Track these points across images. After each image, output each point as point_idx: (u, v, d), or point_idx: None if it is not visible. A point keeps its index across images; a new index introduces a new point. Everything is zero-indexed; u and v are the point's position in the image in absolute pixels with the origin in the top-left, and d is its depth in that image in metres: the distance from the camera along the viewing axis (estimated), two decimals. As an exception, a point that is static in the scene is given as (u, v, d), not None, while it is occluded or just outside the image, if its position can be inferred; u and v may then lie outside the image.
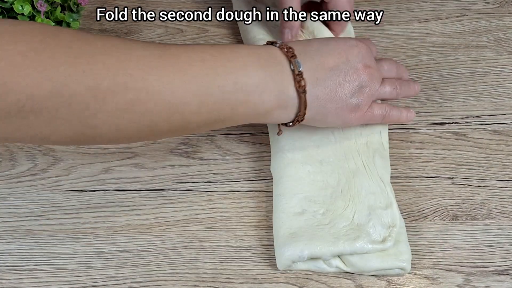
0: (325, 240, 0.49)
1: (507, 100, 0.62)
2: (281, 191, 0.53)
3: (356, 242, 0.49)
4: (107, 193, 0.56)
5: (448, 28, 0.68)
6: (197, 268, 0.52)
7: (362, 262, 0.49)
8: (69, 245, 0.53)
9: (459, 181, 0.56)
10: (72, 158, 0.58)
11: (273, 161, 0.55)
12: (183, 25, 0.69)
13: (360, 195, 0.52)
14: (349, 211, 0.51)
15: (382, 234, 0.50)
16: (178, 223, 0.54)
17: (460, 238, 0.53)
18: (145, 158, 0.58)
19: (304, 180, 0.53)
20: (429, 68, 0.64)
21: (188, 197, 0.56)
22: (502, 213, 0.54)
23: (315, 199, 0.52)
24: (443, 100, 0.62)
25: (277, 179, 0.54)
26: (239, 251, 0.53)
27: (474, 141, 0.59)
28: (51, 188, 0.56)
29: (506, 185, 0.56)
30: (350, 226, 0.50)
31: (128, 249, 0.53)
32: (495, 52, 0.65)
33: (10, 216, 0.55)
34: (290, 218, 0.51)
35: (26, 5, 0.55)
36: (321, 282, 0.51)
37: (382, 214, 0.51)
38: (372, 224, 0.50)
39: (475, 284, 0.51)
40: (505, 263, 0.52)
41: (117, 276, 0.51)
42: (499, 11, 0.69)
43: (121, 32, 0.68)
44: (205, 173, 0.57)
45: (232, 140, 0.59)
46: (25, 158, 0.58)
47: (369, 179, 0.53)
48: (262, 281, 0.51)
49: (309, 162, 0.54)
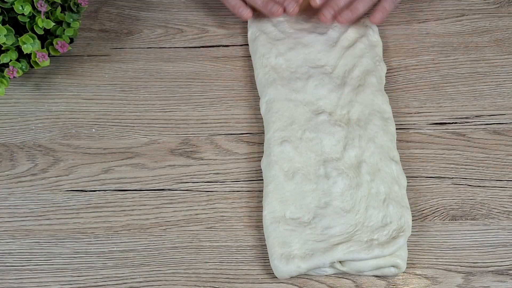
0: (321, 251, 0.49)
1: (507, 100, 0.62)
2: (265, 194, 0.53)
3: (352, 249, 0.49)
4: (107, 193, 0.56)
5: (448, 28, 0.68)
6: (197, 268, 0.52)
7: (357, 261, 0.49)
8: (69, 245, 0.53)
9: (458, 181, 0.56)
10: (72, 158, 0.58)
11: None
12: (183, 25, 0.69)
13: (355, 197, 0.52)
14: (344, 215, 0.51)
15: (380, 238, 0.50)
16: (178, 223, 0.54)
17: (459, 238, 0.53)
18: (145, 158, 0.58)
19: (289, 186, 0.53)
20: (429, 68, 0.64)
21: (188, 197, 0.56)
22: (501, 213, 0.55)
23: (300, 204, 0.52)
24: (443, 100, 0.62)
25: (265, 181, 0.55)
26: (239, 251, 0.53)
27: (473, 141, 0.59)
28: (51, 188, 0.56)
29: (506, 185, 0.56)
30: (346, 231, 0.50)
31: (128, 249, 0.53)
32: (495, 52, 0.65)
33: (11, 216, 0.55)
34: (274, 225, 0.51)
35: (26, 5, 0.55)
36: (321, 282, 0.51)
37: (378, 216, 0.51)
38: (367, 228, 0.50)
39: (474, 284, 0.51)
40: (504, 263, 0.52)
41: (117, 276, 0.51)
42: (499, 11, 0.69)
43: (121, 33, 0.68)
44: (205, 173, 0.57)
45: (232, 140, 0.59)
46: (25, 158, 0.58)
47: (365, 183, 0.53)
48: (262, 281, 0.51)
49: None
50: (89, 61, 0.65)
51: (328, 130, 0.56)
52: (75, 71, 0.65)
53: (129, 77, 0.64)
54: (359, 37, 0.63)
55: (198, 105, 0.62)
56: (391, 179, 0.53)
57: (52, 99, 0.62)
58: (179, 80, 0.64)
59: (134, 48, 0.67)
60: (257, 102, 0.62)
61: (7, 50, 0.56)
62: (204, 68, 0.65)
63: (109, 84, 0.64)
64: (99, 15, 0.69)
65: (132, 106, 0.62)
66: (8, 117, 0.61)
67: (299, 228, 0.51)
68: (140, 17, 0.69)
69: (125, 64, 0.65)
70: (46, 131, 0.60)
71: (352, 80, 0.59)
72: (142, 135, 0.60)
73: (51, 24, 0.56)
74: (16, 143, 0.59)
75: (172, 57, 0.66)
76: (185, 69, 0.65)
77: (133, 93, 0.63)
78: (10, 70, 0.56)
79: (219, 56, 0.66)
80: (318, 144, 0.55)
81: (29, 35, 0.56)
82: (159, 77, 0.64)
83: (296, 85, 0.59)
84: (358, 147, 0.55)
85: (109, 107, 0.62)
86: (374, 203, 0.51)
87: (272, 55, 0.62)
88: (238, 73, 0.64)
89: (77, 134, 0.60)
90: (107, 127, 0.60)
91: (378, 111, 0.57)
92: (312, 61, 0.61)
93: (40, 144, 0.59)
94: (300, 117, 0.57)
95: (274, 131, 0.56)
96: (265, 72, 0.61)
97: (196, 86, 0.64)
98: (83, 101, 0.62)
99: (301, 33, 0.64)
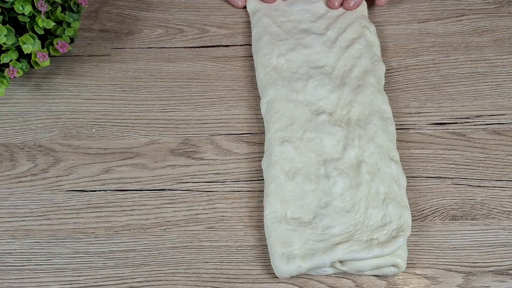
0: (321, 250, 0.49)
1: (507, 100, 0.62)
2: (266, 194, 0.53)
3: (352, 248, 0.49)
4: (107, 193, 0.56)
5: (448, 28, 0.68)
6: (198, 268, 0.52)
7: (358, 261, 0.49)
8: (69, 245, 0.53)
9: (459, 181, 0.56)
10: (73, 158, 0.58)
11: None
12: (183, 25, 0.69)
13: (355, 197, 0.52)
14: (344, 215, 0.51)
15: (380, 238, 0.50)
16: (179, 223, 0.54)
17: (460, 238, 0.53)
18: (145, 158, 0.58)
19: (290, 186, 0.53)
20: (429, 68, 0.64)
21: (189, 197, 0.56)
22: (501, 213, 0.55)
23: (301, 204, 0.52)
24: (443, 100, 0.62)
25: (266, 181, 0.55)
26: (239, 251, 0.53)
27: (474, 141, 0.59)
28: (51, 188, 0.56)
29: (506, 185, 0.56)
30: (346, 230, 0.50)
31: (128, 249, 0.53)
32: (495, 52, 0.65)
33: (11, 216, 0.55)
34: (275, 225, 0.51)
35: (26, 5, 0.55)
36: (321, 282, 0.51)
37: (378, 216, 0.51)
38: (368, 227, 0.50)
39: (475, 284, 0.51)
40: (505, 263, 0.52)
41: (117, 276, 0.51)
42: (499, 11, 0.69)
43: (122, 33, 0.68)
44: (206, 173, 0.57)
45: (232, 140, 0.60)
46: (25, 158, 0.58)
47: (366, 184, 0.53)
48: (262, 281, 0.51)
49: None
50: (89, 61, 0.66)
51: (328, 130, 0.56)
52: (75, 71, 0.65)
53: (129, 77, 0.64)
54: (356, 38, 0.63)
55: (199, 105, 0.62)
56: (391, 179, 0.53)
57: (52, 99, 0.63)
58: (179, 80, 0.64)
59: (134, 48, 0.67)
60: (257, 102, 0.62)
61: (7, 50, 0.56)
62: (204, 68, 0.65)
63: (109, 84, 0.64)
64: (99, 15, 0.69)
65: (133, 106, 0.62)
66: (8, 117, 0.61)
67: (300, 228, 0.51)
68: (140, 17, 0.69)
69: (125, 64, 0.65)
70: (46, 131, 0.60)
71: (351, 81, 0.60)
72: (143, 135, 0.60)
73: (51, 24, 0.56)
74: (17, 143, 0.59)
75: (172, 57, 0.66)
76: (185, 69, 0.65)
77: (133, 93, 0.63)
78: (11, 70, 0.56)
79: (219, 56, 0.66)
80: (318, 144, 0.55)
81: (29, 35, 0.56)
82: (159, 77, 0.64)
83: (297, 86, 0.59)
84: (358, 147, 0.55)
85: (110, 107, 0.62)
86: (373, 203, 0.51)
87: (273, 55, 0.62)
88: (238, 73, 0.64)
89: (78, 134, 0.60)
90: (108, 127, 0.60)
91: (377, 111, 0.57)
92: (312, 62, 0.62)
93: (40, 144, 0.59)
94: (300, 117, 0.57)
95: (275, 131, 0.56)
96: (266, 72, 0.61)
97: (197, 86, 0.64)
98: (83, 101, 0.62)
99: (303, 33, 0.64)
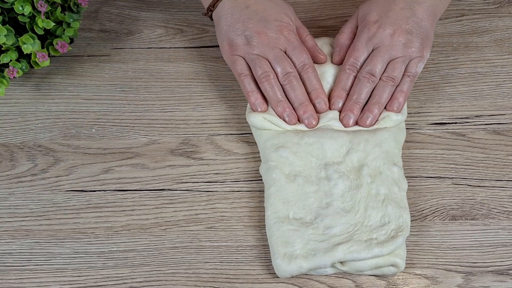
0: (322, 251, 0.49)
1: (507, 100, 0.62)
2: (267, 196, 0.53)
3: (352, 248, 0.49)
4: (107, 193, 0.56)
5: (448, 28, 0.68)
6: (197, 268, 0.52)
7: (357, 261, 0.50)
8: (69, 245, 0.53)
9: (458, 181, 0.56)
10: (73, 158, 0.58)
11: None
12: (183, 25, 0.69)
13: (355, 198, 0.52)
14: (344, 215, 0.51)
15: (379, 237, 0.50)
16: (178, 223, 0.54)
17: (459, 238, 0.53)
18: (145, 158, 0.58)
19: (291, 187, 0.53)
20: (429, 68, 0.64)
21: (188, 197, 0.56)
22: (501, 213, 0.55)
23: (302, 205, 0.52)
24: (442, 100, 0.62)
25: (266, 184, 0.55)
26: (239, 251, 0.53)
27: (473, 141, 0.59)
28: (51, 188, 0.56)
29: (506, 185, 0.56)
30: (346, 230, 0.50)
31: (128, 249, 0.53)
32: (495, 52, 0.65)
33: (11, 216, 0.55)
34: (277, 225, 0.51)
35: (26, 5, 0.55)
36: (321, 282, 0.51)
37: (377, 216, 0.51)
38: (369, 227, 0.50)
39: (474, 284, 0.51)
40: (504, 263, 0.52)
41: (117, 276, 0.51)
42: (499, 11, 0.69)
43: (121, 33, 0.68)
44: (205, 173, 0.57)
45: (232, 140, 0.59)
46: (25, 158, 0.58)
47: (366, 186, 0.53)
48: (262, 281, 0.51)
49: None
50: (89, 61, 0.66)
51: (330, 135, 0.55)
52: (75, 71, 0.65)
53: (129, 77, 0.64)
54: None
55: (198, 105, 0.62)
56: (392, 181, 0.53)
57: (52, 99, 0.63)
58: (179, 80, 0.64)
59: (134, 48, 0.67)
60: (257, 102, 0.62)
61: (7, 50, 0.56)
62: (204, 68, 0.65)
63: (109, 84, 0.64)
64: (99, 15, 0.69)
65: (132, 106, 0.62)
66: (8, 117, 0.61)
67: (302, 228, 0.51)
68: (140, 17, 0.69)
69: (125, 64, 0.65)
70: (46, 131, 0.60)
71: None
72: (142, 135, 0.60)
73: (51, 24, 0.56)
74: (16, 143, 0.59)
75: (172, 57, 0.66)
76: (185, 69, 0.65)
77: (133, 93, 0.63)
78: (10, 70, 0.56)
79: (219, 56, 0.66)
80: (319, 148, 0.55)
81: (29, 35, 0.56)
82: (159, 77, 0.64)
83: None
84: (362, 151, 0.54)
85: (109, 107, 0.62)
86: (373, 203, 0.51)
87: None
88: (238, 73, 0.64)
89: (77, 134, 0.60)
90: (107, 127, 0.60)
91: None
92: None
93: (40, 144, 0.59)
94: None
95: (265, 141, 0.56)
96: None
97: (196, 86, 0.64)
98: (83, 101, 0.62)
99: None
